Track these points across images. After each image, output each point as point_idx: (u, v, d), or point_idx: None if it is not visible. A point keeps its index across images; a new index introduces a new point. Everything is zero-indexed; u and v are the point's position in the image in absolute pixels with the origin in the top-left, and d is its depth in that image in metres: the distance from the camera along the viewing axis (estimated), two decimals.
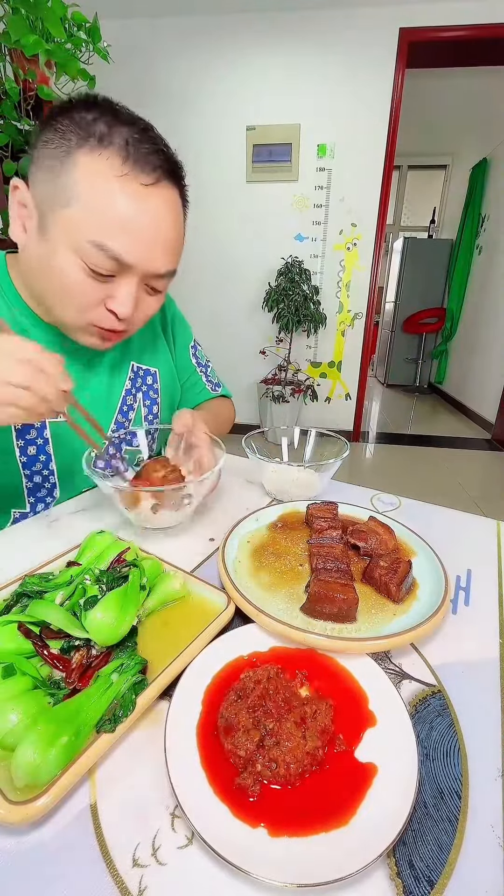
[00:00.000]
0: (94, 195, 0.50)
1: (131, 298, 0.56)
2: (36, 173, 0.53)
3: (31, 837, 0.28)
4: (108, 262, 0.52)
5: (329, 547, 0.50)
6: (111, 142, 0.49)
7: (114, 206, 0.50)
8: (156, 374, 0.81)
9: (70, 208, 0.50)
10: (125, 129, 0.50)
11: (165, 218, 0.54)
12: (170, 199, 0.55)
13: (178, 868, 0.27)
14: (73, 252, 0.52)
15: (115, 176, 0.50)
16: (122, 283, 0.55)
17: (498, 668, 0.41)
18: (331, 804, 0.29)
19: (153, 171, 0.52)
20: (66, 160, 0.50)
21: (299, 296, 2.97)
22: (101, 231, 0.50)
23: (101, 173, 0.49)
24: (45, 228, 0.52)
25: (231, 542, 0.54)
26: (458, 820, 0.29)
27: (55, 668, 0.36)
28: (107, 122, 0.50)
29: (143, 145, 0.51)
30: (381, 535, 0.53)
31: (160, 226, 0.54)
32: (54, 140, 0.50)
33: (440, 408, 4.65)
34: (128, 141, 0.50)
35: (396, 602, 0.45)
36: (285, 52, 2.78)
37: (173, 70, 2.89)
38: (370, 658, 0.39)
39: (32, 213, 0.54)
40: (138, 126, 0.52)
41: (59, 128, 0.50)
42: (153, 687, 0.35)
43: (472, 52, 2.86)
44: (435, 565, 0.49)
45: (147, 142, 0.51)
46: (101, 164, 0.49)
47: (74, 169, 0.49)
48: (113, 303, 0.56)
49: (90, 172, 0.49)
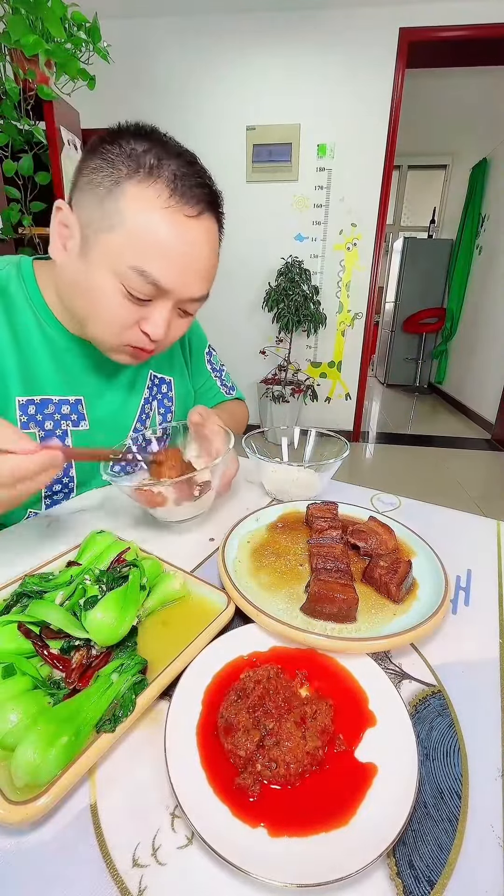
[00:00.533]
0: (140, 223, 0.51)
1: (165, 322, 0.58)
2: (81, 197, 0.54)
3: (31, 837, 0.28)
4: (147, 287, 0.54)
5: (329, 547, 0.50)
6: (160, 174, 0.51)
7: (157, 235, 0.52)
8: (171, 382, 0.82)
9: (114, 233, 0.52)
10: (173, 161, 0.52)
11: (204, 247, 0.56)
12: (209, 230, 0.57)
13: (178, 868, 0.27)
14: (112, 275, 0.53)
15: (161, 207, 0.51)
16: (157, 306, 0.57)
17: (498, 668, 0.41)
18: (331, 804, 0.29)
19: (197, 203, 0.54)
20: (114, 188, 0.51)
21: (299, 296, 2.97)
22: (142, 258, 0.52)
23: (148, 203, 0.51)
24: (87, 250, 0.54)
25: (231, 542, 0.54)
26: (458, 820, 0.29)
27: (55, 668, 0.36)
28: (156, 154, 0.52)
29: (190, 179, 0.53)
30: (381, 535, 0.53)
31: (199, 255, 0.56)
32: (103, 168, 0.52)
33: (440, 408, 4.65)
34: (175, 174, 0.52)
35: (396, 602, 0.45)
36: (285, 52, 2.78)
37: (173, 70, 2.89)
38: (370, 658, 0.39)
39: (74, 234, 0.55)
40: (185, 159, 0.54)
41: (109, 156, 0.52)
42: (153, 687, 0.35)
43: (472, 52, 2.86)
44: (435, 565, 0.49)
45: (193, 175, 0.54)
46: (149, 194, 0.51)
47: (122, 197, 0.51)
48: (147, 325, 0.58)
49: (138, 202, 0.51)
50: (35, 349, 0.63)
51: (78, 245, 0.55)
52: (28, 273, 0.64)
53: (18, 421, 0.63)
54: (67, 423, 0.68)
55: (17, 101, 1.64)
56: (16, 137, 1.71)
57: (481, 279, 4.17)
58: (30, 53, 1.49)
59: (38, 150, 1.79)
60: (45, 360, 0.64)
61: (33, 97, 1.68)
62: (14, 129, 1.69)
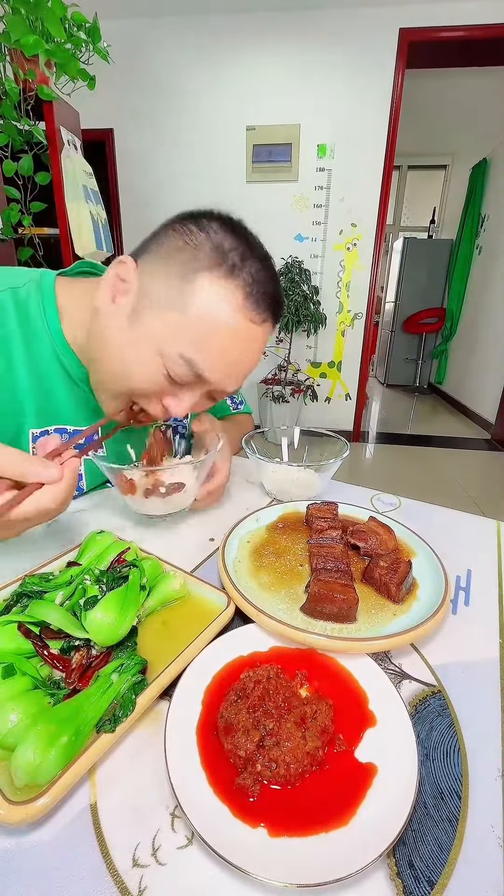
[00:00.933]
0: (205, 315, 0.50)
1: (190, 405, 0.57)
2: (151, 266, 0.53)
3: (31, 837, 0.28)
4: (189, 375, 0.53)
5: (329, 547, 0.50)
6: (240, 275, 0.51)
7: (218, 331, 0.51)
8: None
9: (176, 315, 0.51)
10: (254, 265, 0.52)
11: (255, 352, 0.56)
12: (265, 338, 0.56)
13: (178, 868, 0.27)
14: (157, 353, 0.52)
15: (232, 307, 0.51)
16: (190, 389, 0.56)
17: (498, 668, 0.41)
18: (331, 804, 0.29)
19: (265, 311, 0.53)
20: (191, 274, 0.50)
21: (299, 296, 2.97)
22: (196, 348, 0.51)
23: (221, 300, 0.50)
24: (139, 318, 0.53)
25: (231, 542, 0.54)
26: (458, 820, 0.29)
27: (55, 668, 0.36)
28: (241, 254, 0.51)
29: (265, 285, 0.52)
30: (381, 535, 0.53)
31: (249, 358, 0.56)
32: (185, 250, 0.51)
33: (440, 408, 4.66)
34: (254, 278, 0.51)
35: (396, 602, 0.45)
36: (285, 52, 2.79)
37: (173, 70, 2.89)
38: (370, 658, 0.39)
39: (130, 293, 0.54)
40: (264, 262, 0.53)
41: (193, 240, 0.51)
42: (153, 687, 0.35)
43: (472, 52, 2.87)
44: (435, 565, 0.50)
45: (268, 282, 0.53)
46: (225, 292, 0.50)
47: (195, 285, 0.50)
48: (171, 401, 0.57)
49: (211, 295, 0.50)
50: (52, 379, 0.62)
51: (130, 307, 0.53)
52: (49, 295, 0.61)
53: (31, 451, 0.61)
54: None
55: (17, 101, 1.64)
56: (16, 137, 1.71)
57: (481, 279, 4.17)
58: (30, 53, 1.49)
59: (38, 151, 1.79)
60: (62, 390, 0.63)
61: (33, 97, 1.68)
62: (14, 129, 1.69)
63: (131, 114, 2.99)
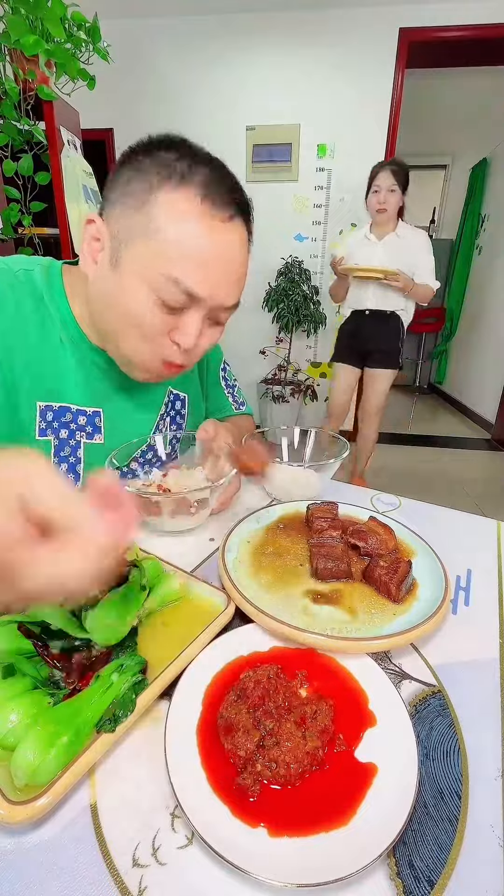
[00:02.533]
0: (172, 230, 0.51)
1: (196, 330, 0.57)
2: (113, 208, 0.54)
3: (32, 837, 0.28)
4: (180, 296, 0.53)
5: (329, 547, 0.50)
6: (192, 180, 0.51)
7: (190, 240, 0.52)
8: (185, 399, 0.82)
9: (147, 242, 0.52)
10: (204, 168, 0.52)
11: (236, 253, 0.56)
12: (241, 236, 0.56)
13: (178, 868, 0.27)
14: (144, 284, 0.53)
15: (193, 212, 0.51)
16: (189, 315, 0.56)
17: (498, 668, 0.41)
18: (331, 804, 0.29)
19: (228, 207, 0.53)
20: (147, 197, 0.51)
21: (299, 296, 2.97)
22: (175, 265, 0.52)
23: (180, 210, 0.51)
24: (118, 261, 0.54)
25: (231, 542, 0.54)
26: (458, 820, 0.29)
27: (55, 668, 0.36)
28: (187, 162, 0.51)
29: (221, 184, 0.53)
30: (381, 535, 0.53)
31: (231, 259, 0.56)
32: (135, 178, 0.52)
33: (440, 408, 4.65)
34: (207, 180, 0.52)
35: (396, 602, 0.45)
36: (285, 52, 2.78)
37: (173, 70, 2.89)
38: (370, 658, 0.39)
39: (105, 246, 0.55)
40: (215, 164, 0.54)
41: (141, 167, 0.52)
42: (153, 687, 0.35)
43: (472, 52, 2.86)
44: (435, 565, 0.50)
45: (224, 181, 0.53)
46: (181, 201, 0.51)
47: (155, 205, 0.51)
48: (177, 334, 0.57)
49: (170, 209, 0.51)
50: (62, 357, 0.63)
51: (108, 257, 0.55)
52: (57, 280, 0.63)
53: (38, 426, 0.62)
54: (82, 434, 0.67)
55: (17, 101, 1.64)
56: (16, 137, 1.71)
57: (481, 279, 4.17)
58: (30, 53, 1.49)
59: (37, 150, 1.79)
60: (71, 370, 0.64)
61: (33, 97, 1.68)
62: (14, 129, 1.69)
63: (131, 114, 2.99)
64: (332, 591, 0.47)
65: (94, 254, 0.56)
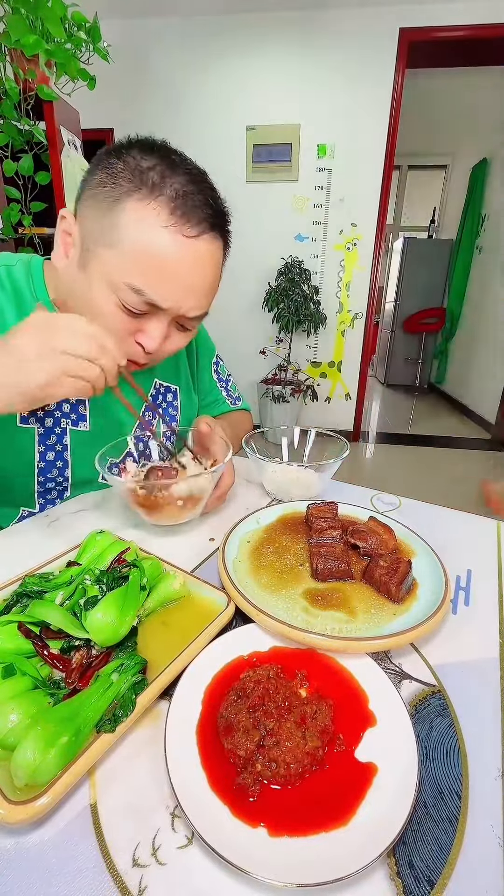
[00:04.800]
0: (138, 242, 0.51)
1: (160, 335, 0.58)
2: (84, 209, 0.54)
3: (31, 837, 0.28)
4: (143, 305, 0.54)
5: (329, 547, 0.50)
6: (162, 192, 0.51)
7: (155, 254, 0.51)
8: (176, 391, 0.82)
9: (113, 249, 0.52)
10: (178, 179, 0.51)
11: (204, 267, 0.56)
12: (211, 250, 0.56)
13: (178, 868, 0.27)
14: (109, 289, 0.53)
15: (160, 226, 0.51)
16: (154, 319, 0.57)
17: (498, 668, 0.41)
18: (331, 804, 0.29)
19: (198, 223, 0.53)
20: (115, 204, 0.51)
21: (299, 296, 2.97)
22: (138, 276, 0.52)
23: (147, 222, 0.50)
24: (86, 262, 0.54)
25: (231, 542, 0.54)
26: (458, 820, 0.29)
27: (55, 668, 0.36)
28: (161, 171, 0.51)
29: (193, 198, 0.52)
30: (381, 535, 0.53)
31: (198, 275, 0.55)
32: (106, 182, 0.52)
33: (440, 408, 4.65)
34: (178, 193, 0.51)
35: (396, 602, 0.45)
36: (285, 52, 2.78)
37: (173, 70, 2.89)
38: (370, 658, 0.39)
39: (76, 244, 0.56)
40: (190, 176, 0.53)
41: (113, 171, 0.51)
42: (153, 687, 0.35)
43: (472, 52, 2.86)
44: (435, 565, 0.49)
45: (197, 193, 0.52)
46: (148, 213, 0.50)
47: (122, 214, 0.51)
48: (142, 336, 0.58)
49: (137, 220, 0.50)
50: None
51: (78, 255, 0.55)
52: (38, 273, 0.64)
53: (18, 414, 0.63)
54: (67, 421, 0.68)
55: (17, 101, 1.64)
56: (16, 137, 1.71)
57: (481, 279, 4.17)
58: (30, 53, 1.48)
59: (38, 150, 1.79)
60: None
61: (33, 97, 1.68)
62: (14, 129, 1.69)
63: (131, 114, 2.99)
64: (332, 591, 0.47)
65: (66, 248, 0.57)
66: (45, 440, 0.67)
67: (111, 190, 0.51)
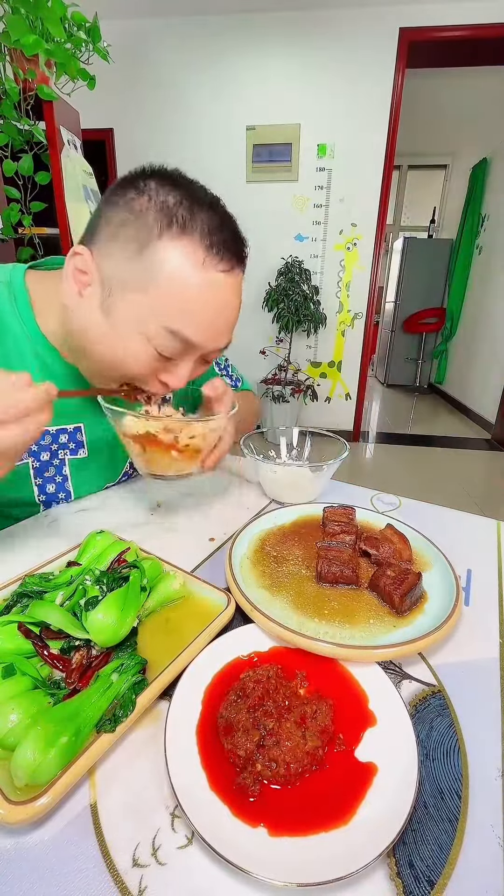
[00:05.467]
0: (174, 283, 0.49)
1: (187, 374, 0.57)
2: (105, 248, 0.52)
3: (31, 837, 0.28)
4: (177, 346, 0.52)
5: (337, 551, 0.50)
6: (193, 228, 0.49)
7: (192, 293, 0.50)
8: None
9: (146, 295, 0.50)
10: (204, 214, 0.50)
11: (233, 301, 0.55)
12: (238, 283, 0.55)
13: (178, 868, 0.27)
14: (140, 334, 0.51)
15: (196, 264, 0.50)
16: (182, 360, 0.56)
17: (498, 668, 0.41)
18: (331, 804, 0.29)
19: (230, 258, 0.52)
20: (145, 247, 0.49)
21: (299, 296, 2.97)
22: (174, 318, 0.51)
23: (182, 261, 0.49)
24: (110, 308, 0.52)
25: (240, 544, 0.53)
26: (458, 820, 0.29)
27: (55, 668, 0.36)
28: (188, 207, 0.49)
29: (222, 232, 0.51)
30: (396, 545, 0.52)
31: (230, 308, 0.55)
32: (132, 221, 0.49)
33: (440, 408, 4.65)
34: (209, 229, 0.50)
35: (399, 613, 0.44)
36: (285, 52, 2.78)
37: (173, 70, 2.89)
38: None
39: (94, 283, 0.53)
40: (214, 209, 0.52)
41: (136, 208, 0.49)
42: (153, 687, 0.35)
43: (472, 52, 2.86)
44: (448, 578, 0.48)
45: (225, 229, 0.52)
46: (183, 252, 0.49)
47: (155, 255, 0.49)
48: (168, 377, 0.56)
49: (173, 262, 0.49)
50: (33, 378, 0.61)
51: (99, 297, 0.52)
52: (21, 292, 0.60)
53: None
54: (65, 451, 0.66)
55: (17, 101, 1.64)
56: (16, 137, 1.71)
57: (481, 279, 4.17)
58: (30, 53, 1.48)
59: (38, 150, 1.79)
60: None
61: (33, 97, 1.68)
62: (14, 129, 1.69)
63: (131, 114, 2.99)
64: (335, 597, 0.47)
65: (81, 287, 0.54)
66: (43, 473, 0.65)
67: (139, 229, 0.49)
